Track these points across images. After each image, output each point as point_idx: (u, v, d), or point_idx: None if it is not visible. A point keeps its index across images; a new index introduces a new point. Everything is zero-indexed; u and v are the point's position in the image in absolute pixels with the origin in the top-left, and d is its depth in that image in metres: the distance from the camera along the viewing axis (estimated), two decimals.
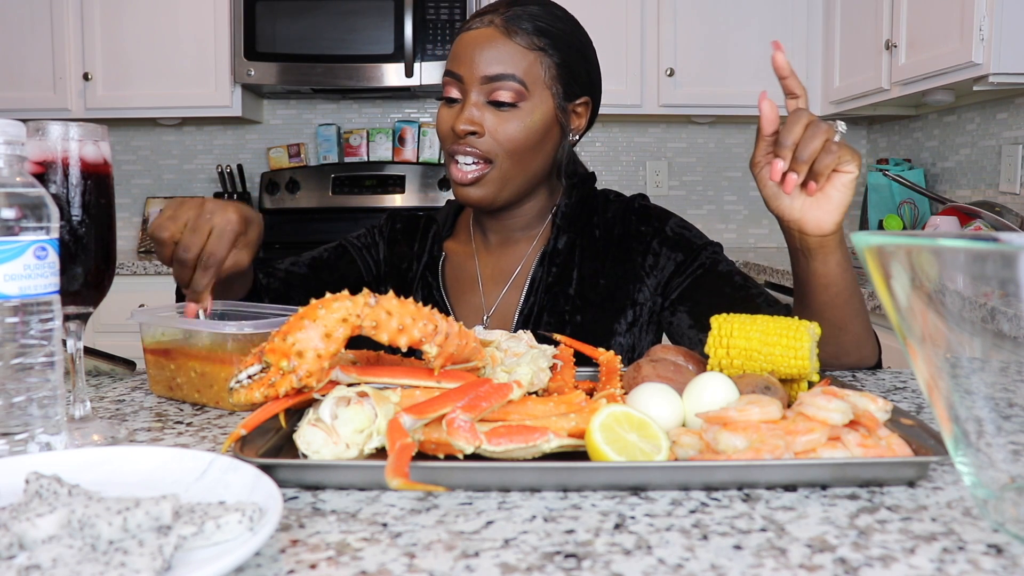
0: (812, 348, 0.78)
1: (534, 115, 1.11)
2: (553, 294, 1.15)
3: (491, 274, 1.22)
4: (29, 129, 0.70)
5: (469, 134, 1.09)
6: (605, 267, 1.16)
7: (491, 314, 1.19)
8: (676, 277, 1.15)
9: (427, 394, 0.65)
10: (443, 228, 1.27)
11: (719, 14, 3.05)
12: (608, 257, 1.17)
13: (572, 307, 1.14)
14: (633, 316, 1.15)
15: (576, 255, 1.17)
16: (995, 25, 2.02)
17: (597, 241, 1.18)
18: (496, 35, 1.10)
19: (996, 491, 0.47)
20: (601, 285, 1.15)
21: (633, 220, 1.19)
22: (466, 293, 1.22)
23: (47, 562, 0.42)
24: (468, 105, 1.10)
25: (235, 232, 0.91)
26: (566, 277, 1.16)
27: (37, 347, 0.63)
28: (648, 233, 1.17)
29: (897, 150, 3.21)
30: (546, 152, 1.15)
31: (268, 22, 3.00)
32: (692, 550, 0.49)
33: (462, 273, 1.23)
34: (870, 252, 0.45)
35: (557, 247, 1.18)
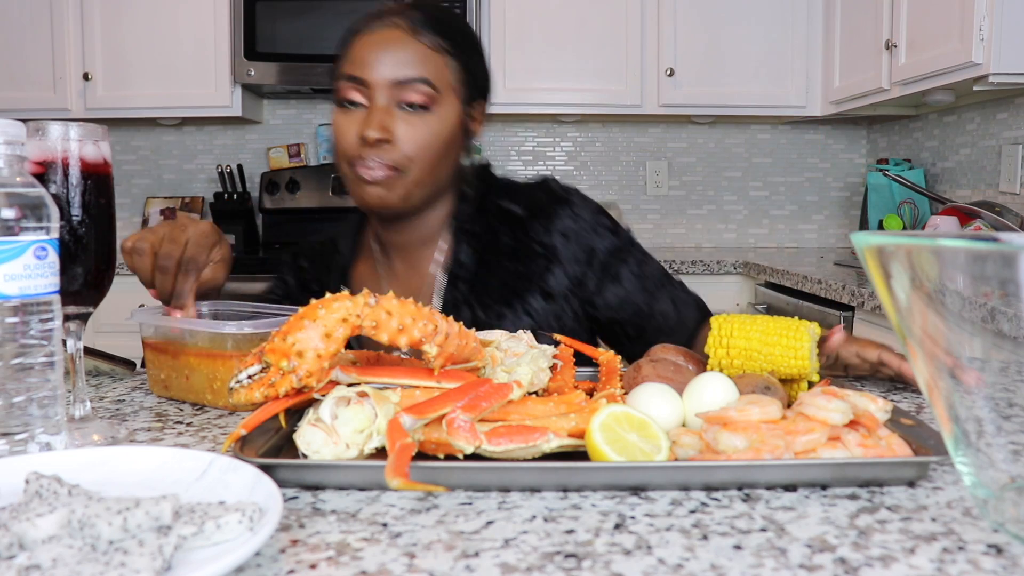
0: (812, 348, 0.78)
1: (444, 120, 1.07)
2: (468, 311, 1.11)
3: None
4: (29, 129, 0.70)
5: (379, 141, 1.03)
6: (524, 267, 1.12)
7: None
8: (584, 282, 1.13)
9: (427, 394, 0.65)
10: (347, 256, 1.21)
11: (719, 14, 3.05)
12: (524, 256, 1.12)
13: (490, 316, 1.10)
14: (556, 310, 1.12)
15: (490, 260, 1.13)
16: (995, 25, 2.01)
17: (507, 240, 1.13)
18: (402, 36, 1.05)
19: (996, 491, 0.47)
20: (519, 286, 1.11)
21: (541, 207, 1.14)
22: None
23: (47, 562, 0.42)
24: (375, 111, 1.04)
25: (211, 242, 0.95)
26: (480, 288, 1.12)
27: (37, 347, 0.63)
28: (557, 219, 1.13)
29: (897, 150, 3.21)
30: (452, 158, 1.11)
31: (268, 22, 3.00)
32: (692, 550, 0.49)
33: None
34: (870, 252, 0.45)
35: (460, 260, 1.13)
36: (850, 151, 3.50)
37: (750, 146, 3.49)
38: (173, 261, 0.91)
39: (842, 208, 3.50)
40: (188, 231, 0.93)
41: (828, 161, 3.50)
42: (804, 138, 3.49)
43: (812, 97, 3.06)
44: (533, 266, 1.12)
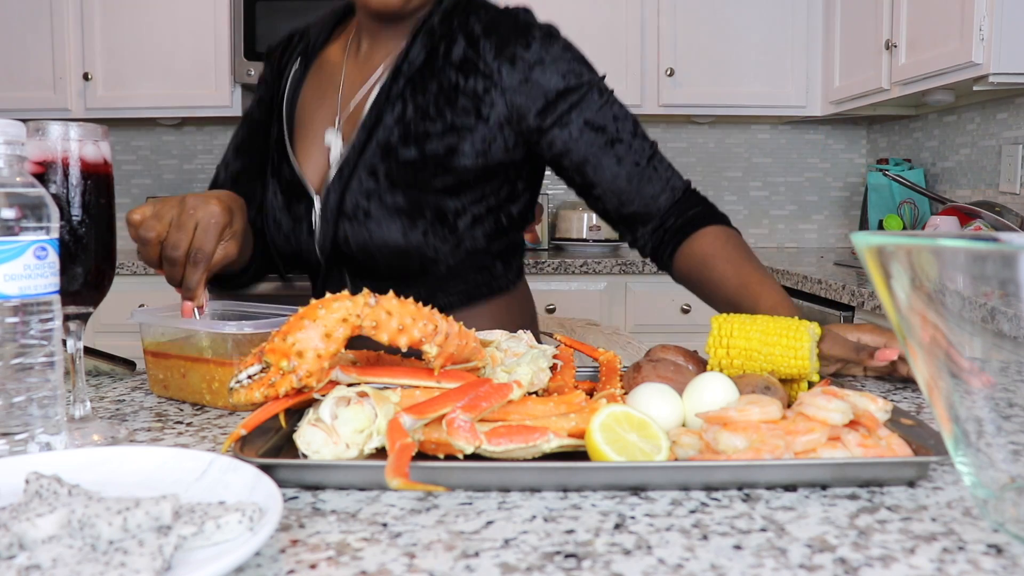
0: (812, 348, 0.78)
1: None
2: (401, 106, 1.11)
3: (353, 78, 1.18)
4: (29, 129, 0.70)
5: None
6: (467, 84, 1.11)
7: (344, 118, 1.16)
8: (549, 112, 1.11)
9: (427, 394, 0.65)
10: (316, 41, 1.24)
11: (719, 14, 3.05)
12: (472, 73, 1.11)
13: (420, 118, 1.11)
14: (486, 141, 1.11)
15: (437, 64, 1.12)
16: (995, 25, 2.02)
17: (463, 52, 1.12)
18: None
19: (996, 491, 0.47)
20: (460, 103, 1.10)
21: (511, 37, 1.12)
22: (327, 96, 1.19)
23: (47, 562, 0.42)
24: None
25: (220, 225, 0.91)
26: (420, 88, 1.11)
27: (37, 347, 0.63)
28: (523, 58, 1.11)
29: (897, 150, 3.21)
30: None
31: (268, 22, 3.00)
32: (692, 550, 0.49)
33: (328, 76, 1.21)
34: (870, 252, 0.45)
35: (409, 58, 1.12)
36: (850, 151, 3.50)
37: (750, 146, 3.49)
38: (181, 252, 0.89)
39: (842, 208, 3.50)
40: (197, 214, 0.90)
41: (828, 161, 3.50)
42: (804, 138, 3.49)
43: (812, 97, 3.06)
44: (475, 84, 1.11)
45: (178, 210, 0.90)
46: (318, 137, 1.17)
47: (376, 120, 1.12)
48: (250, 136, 1.27)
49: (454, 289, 1.17)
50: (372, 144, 1.11)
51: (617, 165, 1.12)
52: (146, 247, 0.90)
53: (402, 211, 1.11)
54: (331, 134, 1.16)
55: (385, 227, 1.11)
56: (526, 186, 1.21)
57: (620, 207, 1.14)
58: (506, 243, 1.20)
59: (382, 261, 1.13)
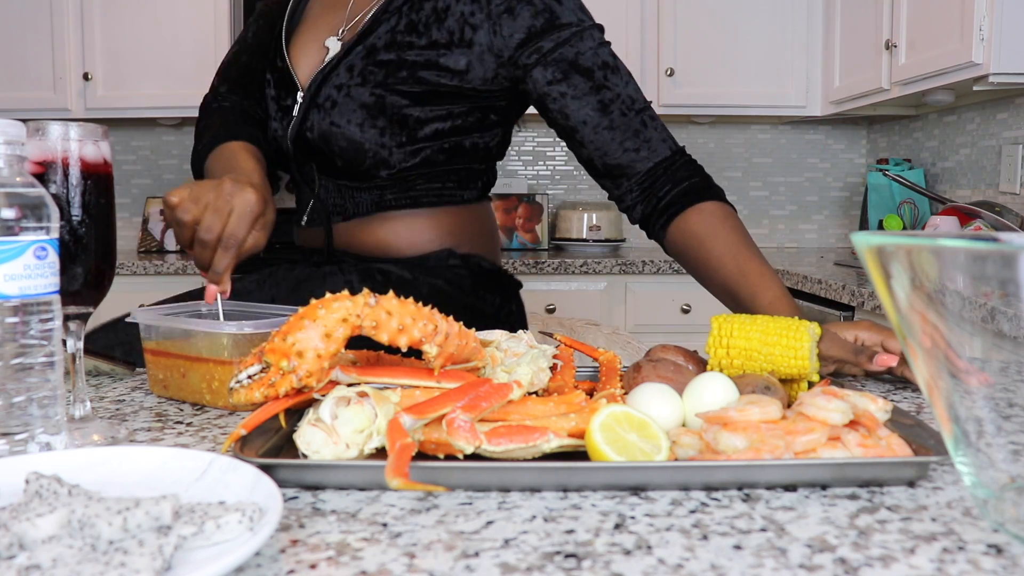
0: (812, 348, 0.78)
1: None
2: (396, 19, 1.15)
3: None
4: (29, 129, 0.70)
5: None
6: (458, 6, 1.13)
7: (348, 27, 1.21)
8: (529, 44, 1.11)
9: (427, 394, 0.65)
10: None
11: (719, 14, 3.05)
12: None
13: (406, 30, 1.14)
14: (467, 65, 1.13)
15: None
16: (995, 25, 2.02)
17: None
18: None
19: (996, 491, 0.47)
20: (446, 24, 1.13)
21: None
22: (337, 9, 1.24)
23: (47, 562, 0.42)
24: None
25: (254, 214, 0.93)
26: (416, 5, 1.15)
27: (37, 347, 0.63)
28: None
29: (897, 150, 3.21)
30: None
31: None
32: (692, 550, 0.49)
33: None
34: (870, 252, 0.45)
35: None
36: (850, 151, 3.50)
37: (750, 146, 3.49)
38: (214, 235, 0.90)
39: (842, 208, 3.50)
40: (233, 200, 0.92)
41: (828, 161, 3.50)
42: (804, 138, 3.49)
43: (812, 97, 3.06)
44: (464, 7, 1.13)
45: (215, 194, 0.92)
46: (318, 40, 1.23)
47: (371, 29, 1.16)
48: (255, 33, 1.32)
49: (402, 192, 1.19)
50: (359, 47, 1.16)
51: (601, 113, 1.10)
52: (181, 228, 0.92)
53: (365, 106, 1.14)
54: (332, 40, 1.21)
55: (346, 118, 1.14)
56: (499, 120, 1.22)
57: (604, 156, 1.12)
58: (467, 166, 1.22)
59: (339, 153, 1.16)
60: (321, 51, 1.22)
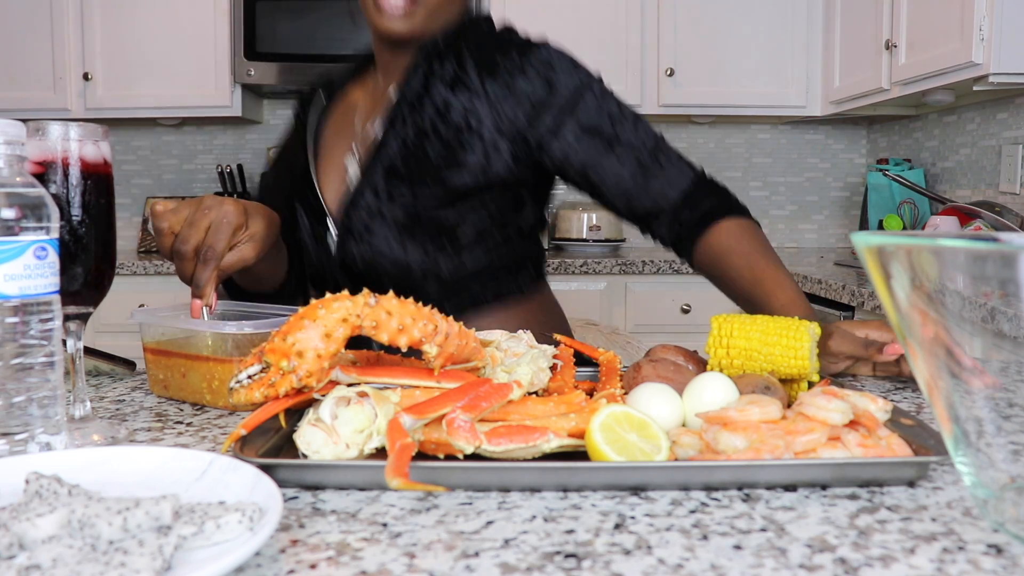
0: (812, 348, 0.78)
1: None
2: (401, 126, 1.14)
3: (367, 105, 1.24)
4: (29, 129, 0.70)
5: None
6: (457, 100, 1.13)
7: (358, 142, 1.21)
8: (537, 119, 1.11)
9: (427, 394, 0.65)
10: (342, 77, 1.30)
11: (719, 14, 3.05)
12: (461, 89, 1.14)
13: (417, 136, 1.13)
14: (485, 154, 1.12)
15: (433, 85, 1.15)
16: (995, 25, 2.02)
17: (452, 70, 1.15)
18: None
19: (996, 491, 0.47)
20: (451, 119, 1.13)
21: (493, 49, 1.15)
22: (347, 126, 1.25)
23: (47, 562, 0.42)
24: None
25: (232, 225, 0.92)
26: (417, 108, 1.15)
27: (37, 347, 0.63)
28: (511, 60, 1.13)
29: (897, 150, 3.21)
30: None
31: (268, 22, 3.00)
32: (692, 550, 0.49)
33: (348, 108, 1.27)
34: (870, 252, 0.45)
35: (411, 82, 1.16)
36: (850, 151, 3.50)
37: (750, 146, 3.49)
38: (189, 247, 0.91)
39: (842, 208, 3.50)
40: (211, 214, 0.92)
41: (828, 161, 3.50)
42: (804, 138, 3.49)
43: (812, 97, 3.06)
44: (463, 100, 1.13)
45: (194, 207, 0.93)
46: (339, 164, 1.22)
47: (383, 143, 1.15)
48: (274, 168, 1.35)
49: (460, 297, 1.17)
50: (377, 166, 1.14)
51: (619, 166, 1.11)
52: (158, 237, 0.93)
53: (400, 224, 1.13)
54: (349, 159, 1.21)
55: (385, 243, 1.14)
56: (532, 196, 1.21)
57: (630, 206, 1.14)
58: (514, 253, 1.21)
59: (387, 278, 1.14)
60: (341, 172, 1.22)
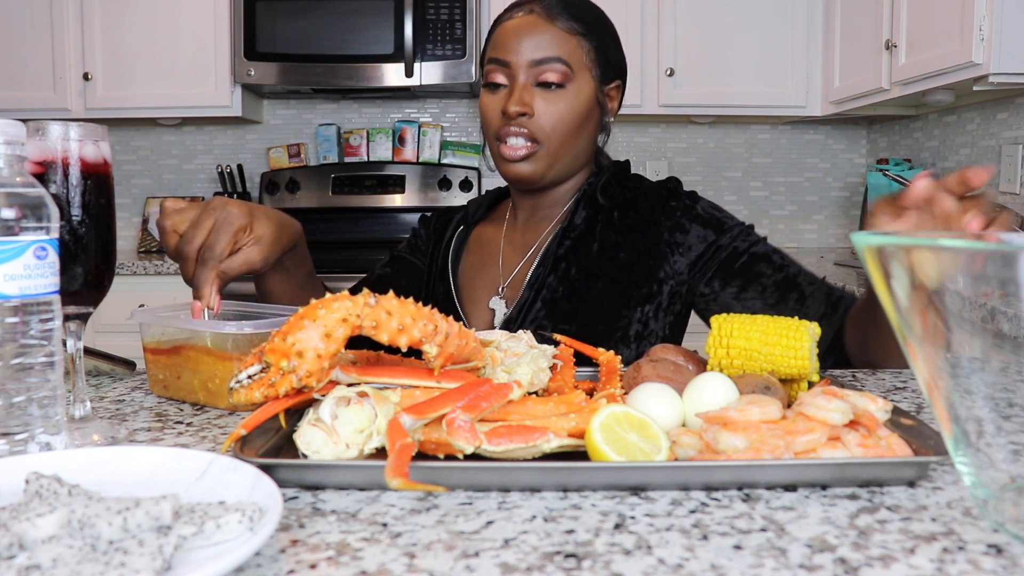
0: (812, 348, 0.78)
1: (579, 96, 1.17)
2: (565, 266, 1.17)
3: (512, 249, 1.27)
4: (29, 129, 0.70)
5: (520, 115, 1.14)
6: (626, 240, 1.18)
7: (506, 284, 1.23)
8: (706, 255, 1.16)
9: (427, 394, 0.65)
10: (475, 211, 1.33)
11: (719, 14, 3.05)
12: (631, 230, 1.18)
13: (583, 277, 1.16)
14: (649, 291, 1.16)
15: (597, 228, 1.19)
16: (995, 25, 2.01)
17: (621, 216, 1.20)
18: (539, 22, 1.16)
19: (996, 491, 0.47)
20: (620, 258, 1.17)
21: (663, 195, 1.20)
22: (487, 267, 1.27)
23: (47, 562, 0.42)
24: (517, 88, 1.15)
25: (234, 226, 0.93)
26: (583, 250, 1.18)
27: (37, 347, 0.63)
28: (677, 209, 1.18)
29: (897, 150, 3.21)
30: (588, 133, 1.21)
31: (268, 22, 3.00)
32: (692, 550, 0.49)
33: (487, 249, 1.29)
34: (870, 252, 0.45)
35: (574, 222, 1.20)
36: (850, 151, 3.50)
37: (750, 146, 3.49)
38: (192, 248, 0.91)
39: (842, 208, 3.50)
40: (215, 214, 0.92)
41: (828, 161, 3.50)
42: (804, 138, 3.49)
43: (812, 97, 3.06)
44: (634, 240, 1.17)
45: (199, 209, 0.94)
46: (480, 303, 1.25)
47: (543, 280, 1.18)
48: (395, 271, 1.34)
49: None
50: (538, 303, 1.17)
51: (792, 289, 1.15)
52: (162, 235, 0.95)
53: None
54: (495, 301, 1.22)
55: None
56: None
57: None
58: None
59: None
60: (484, 314, 1.23)
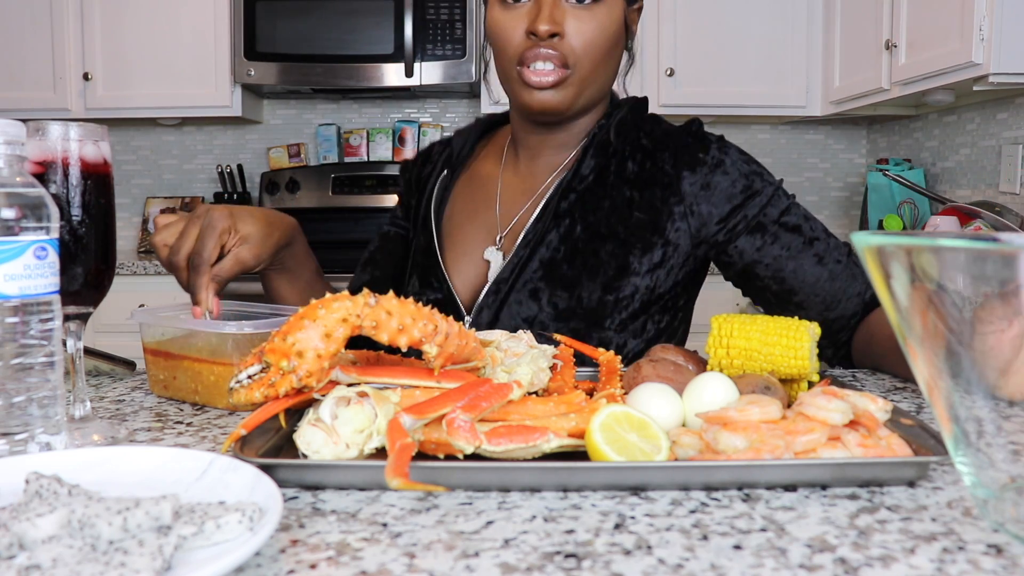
0: (812, 348, 0.78)
1: (611, 14, 1.04)
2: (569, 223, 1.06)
3: (511, 192, 1.13)
4: (29, 129, 0.70)
5: (551, 36, 1.00)
6: (642, 197, 1.05)
7: (505, 234, 1.11)
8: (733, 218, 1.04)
9: (427, 394, 0.65)
10: (460, 150, 1.20)
11: (719, 14, 3.05)
12: (648, 185, 1.06)
13: (589, 237, 1.05)
14: (663, 256, 1.05)
15: (609, 181, 1.07)
16: (995, 25, 2.01)
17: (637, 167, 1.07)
18: None
19: (996, 491, 0.47)
20: (634, 218, 1.05)
21: (687, 142, 1.08)
22: (481, 212, 1.14)
23: (47, 562, 0.42)
24: (546, 3, 1.00)
25: (216, 230, 0.94)
26: (590, 205, 1.06)
27: (37, 347, 0.63)
28: (704, 162, 1.06)
29: (897, 150, 3.21)
30: (616, 58, 1.08)
31: (268, 22, 3.00)
32: (692, 550, 0.49)
33: (481, 192, 1.16)
34: (870, 252, 0.45)
35: (580, 173, 1.07)
36: (850, 151, 3.50)
37: (750, 146, 3.49)
38: (180, 257, 0.92)
39: (842, 208, 3.50)
40: (200, 221, 0.93)
41: (828, 161, 3.50)
42: (804, 138, 3.49)
43: (812, 97, 3.06)
44: (651, 197, 1.06)
45: (186, 219, 0.95)
46: (472, 253, 1.12)
47: (541, 236, 1.06)
48: (380, 248, 1.24)
49: None
50: (534, 261, 1.05)
51: (819, 265, 1.04)
52: (157, 252, 0.96)
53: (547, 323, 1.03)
54: (491, 251, 1.10)
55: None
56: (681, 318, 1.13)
57: (825, 311, 1.04)
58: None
59: None
60: (476, 265, 1.10)
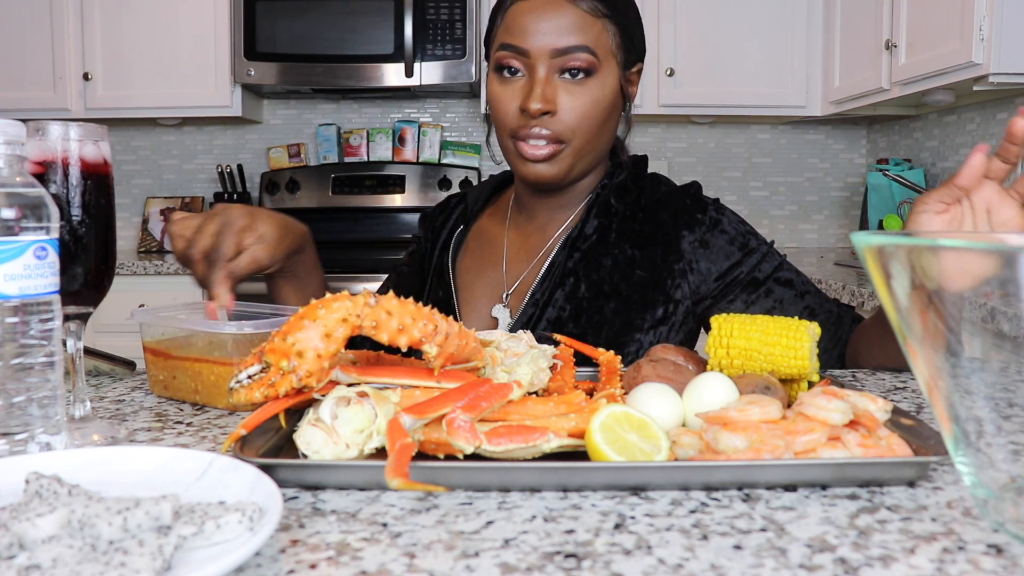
0: (812, 348, 0.78)
1: (604, 87, 1.05)
2: (574, 282, 1.07)
3: (516, 252, 1.15)
4: (29, 129, 0.70)
5: (542, 113, 1.02)
6: (643, 255, 1.08)
7: (511, 292, 1.13)
8: (729, 276, 1.07)
9: (427, 394, 0.65)
10: (474, 205, 1.23)
11: (719, 14, 3.05)
12: (649, 244, 1.08)
13: (593, 295, 1.06)
14: (664, 313, 1.07)
15: (611, 239, 1.09)
16: (995, 25, 2.01)
17: (638, 226, 1.09)
18: (560, 2, 1.02)
19: (996, 491, 0.47)
20: (636, 276, 1.07)
21: (685, 203, 1.10)
22: (488, 269, 1.16)
23: (47, 562, 0.42)
24: (538, 81, 1.02)
25: (236, 227, 0.95)
26: (594, 264, 1.08)
27: (37, 347, 0.63)
28: (702, 223, 1.08)
29: (897, 150, 3.21)
30: (612, 126, 1.10)
31: (268, 22, 3.00)
32: (692, 550, 0.49)
33: (488, 248, 1.18)
34: (870, 252, 0.45)
35: (584, 232, 1.09)
36: (850, 151, 3.50)
37: (750, 146, 3.49)
38: (197, 251, 0.94)
39: (842, 208, 3.50)
40: (218, 218, 0.95)
41: (828, 161, 3.50)
42: (804, 138, 3.49)
43: (812, 97, 3.06)
44: (652, 255, 1.08)
45: (204, 216, 0.96)
46: (481, 310, 1.14)
47: (548, 296, 1.08)
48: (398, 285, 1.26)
49: None
50: (542, 323, 1.07)
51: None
52: (172, 242, 0.97)
53: None
54: (499, 309, 1.12)
55: None
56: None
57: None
58: None
59: None
60: (484, 321, 1.12)
